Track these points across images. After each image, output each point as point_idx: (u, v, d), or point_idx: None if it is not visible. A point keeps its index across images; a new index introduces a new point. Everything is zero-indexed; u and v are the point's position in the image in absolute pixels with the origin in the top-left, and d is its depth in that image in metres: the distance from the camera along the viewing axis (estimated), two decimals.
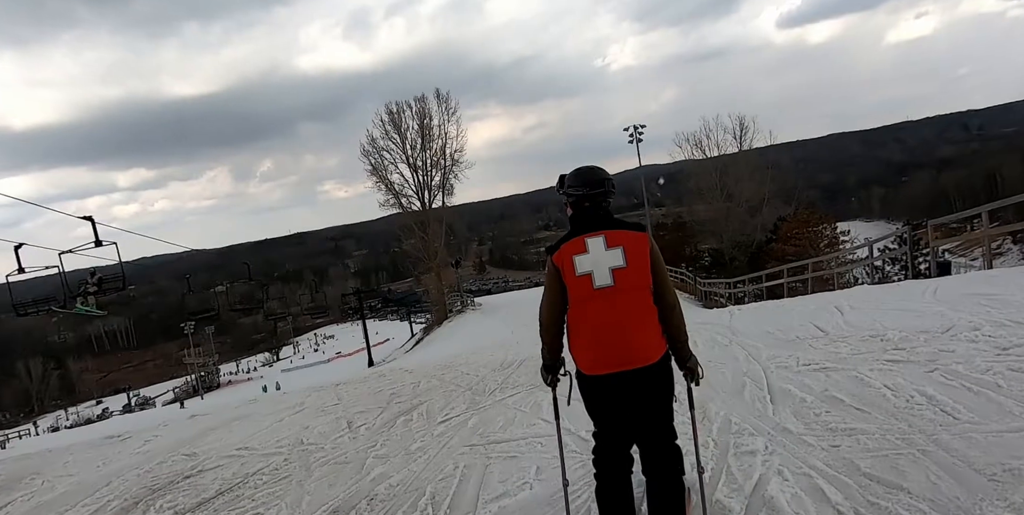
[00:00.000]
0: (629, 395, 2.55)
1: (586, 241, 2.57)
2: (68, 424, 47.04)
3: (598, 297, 2.52)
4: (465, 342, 22.31)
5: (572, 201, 2.73)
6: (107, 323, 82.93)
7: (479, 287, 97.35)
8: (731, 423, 4.12)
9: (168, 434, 6.49)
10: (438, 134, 34.79)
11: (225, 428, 6.13)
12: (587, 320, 2.54)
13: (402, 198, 35.54)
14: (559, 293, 2.61)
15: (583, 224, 2.65)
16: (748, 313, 9.33)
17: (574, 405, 2.77)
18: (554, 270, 2.61)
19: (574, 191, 2.70)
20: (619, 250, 2.55)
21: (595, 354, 2.53)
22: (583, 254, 2.55)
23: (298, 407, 6.94)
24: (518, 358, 8.87)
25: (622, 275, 2.52)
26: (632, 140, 37.45)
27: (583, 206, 2.70)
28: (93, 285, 13.80)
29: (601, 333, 2.51)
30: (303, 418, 6.04)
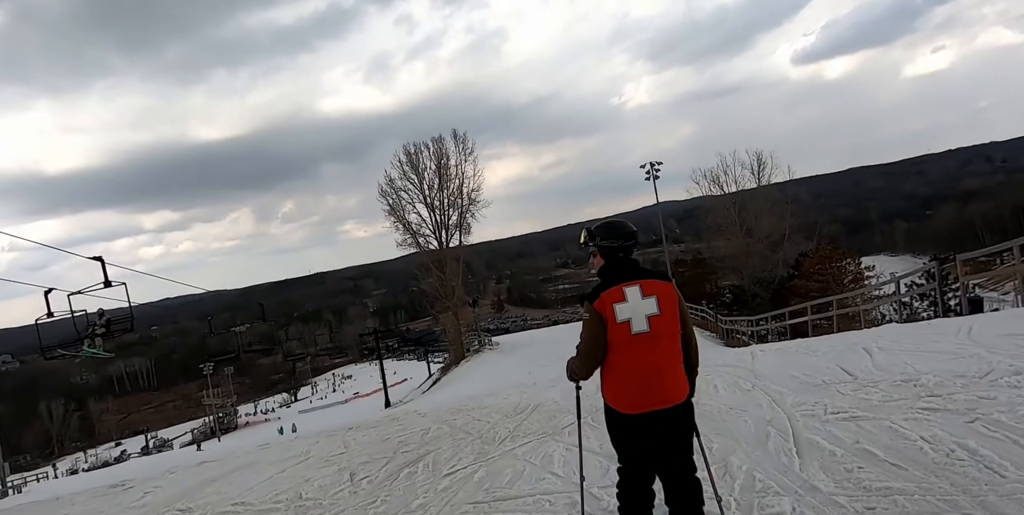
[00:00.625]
0: (662, 431, 2.76)
1: (624, 290, 2.76)
2: (86, 467, 46.76)
3: (636, 342, 2.72)
4: (482, 383, 21.93)
5: (605, 252, 2.93)
6: (128, 364, 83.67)
7: (497, 326, 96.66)
8: (755, 480, 3.82)
9: (171, 484, 6.27)
10: (455, 174, 35.15)
11: (226, 479, 5.90)
12: (626, 364, 2.74)
13: (419, 237, 35.70)
14: (603, 339, 2.75)
15: (619, 274, 2.85)
16: (771, 354, 8.97)
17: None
18: (598, 317, 2.75)
19: (609, 243, 2.92)
20: (654, 299, 2.76)
21: (634, 395, 2.74)
22: (623, 303, 2.74)
23: (303, 456, 6.70)
24: (532, 403, 8.57)
25: (657, 322, 2.74)
26: (649, 177, 37.46)
27: (617, 257, 2.91)
28: (101, 326, 13.68)
29: (640, 376, 2.73)
30: (306, 469, 5.79)
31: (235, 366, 68.69)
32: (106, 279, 11.46)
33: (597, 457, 4.56)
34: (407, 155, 34.95)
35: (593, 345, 2.80)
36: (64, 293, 14.12)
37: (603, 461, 4.45)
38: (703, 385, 7.41)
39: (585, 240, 3.01)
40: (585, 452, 3.79)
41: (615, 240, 2.92)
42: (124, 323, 13.83)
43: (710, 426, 5.26)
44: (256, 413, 67.79)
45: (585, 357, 2.86)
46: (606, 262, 2.94)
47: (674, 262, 44.04)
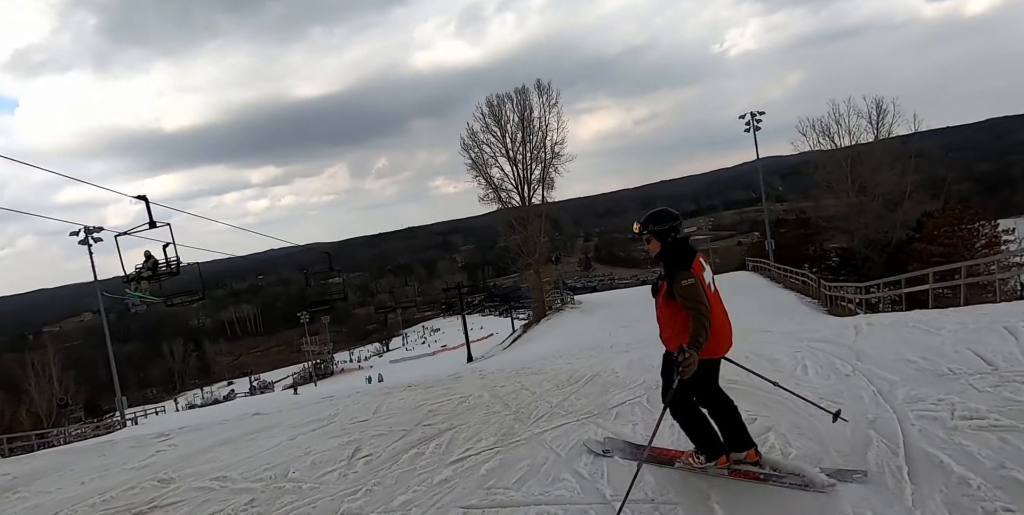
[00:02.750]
0: (719, 370, 3.68)
1: (700, 260, 3.45)
2: (200, 402, 51.37)
3: (716, 299, 3.51)
4: (557, 342, 21.29)
5: (660, 235, 3.48)
6: (238, 310, 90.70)
7: (584, 284, 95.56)
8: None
9: (189, 442, 5.96)
10: (539, 126, 33.73)
11: (233, 444, 5.49)
12: (718, 316, 3.38)
13: (501, 192, 34.88)
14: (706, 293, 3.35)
15: (688, 248, 3.52)
16: (881, 329, 7.47)
17: None
18: (696, 280, 3.29)
19: (661, 227, 3.49)
20: (710, 268, 3.57)
21: (726, 340, 3.54)
22: (704, 269, 3.45)
23: (327, 419, 6.20)
24: (591, 372, 7.70)
25: (717, 284, 3.58)
26: (749, 128, 34.35)
27: (672, 236, 3.48)
28: (147, 269, 13.44)
29: (725, 325, 3.52)
30: (317, 438, 5.24)
31: (332, 316, 72.51)
32: (151, 220, 11.30)
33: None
34: (489, 107, 33.87)
35: (706, 300, 3.28)
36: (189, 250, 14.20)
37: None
38: (789, 364, 6.18)
39: (639, 230, 3.53)
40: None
41: (666, 223, 3.49)
42: (171, 267, 13.44)
43: (789, 421, 4.15)
44: (351, 361, 71.48)
45: (708, 311, 3.23)
46: (666, 242, 3.48)
47: (774, 222, 40.65)
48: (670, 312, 3.40)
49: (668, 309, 3.41)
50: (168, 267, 13.11)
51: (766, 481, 3.28)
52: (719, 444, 3.47)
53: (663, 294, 3.43)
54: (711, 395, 3.56)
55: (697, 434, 3.51)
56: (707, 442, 3.48)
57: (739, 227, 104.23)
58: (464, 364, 28.96)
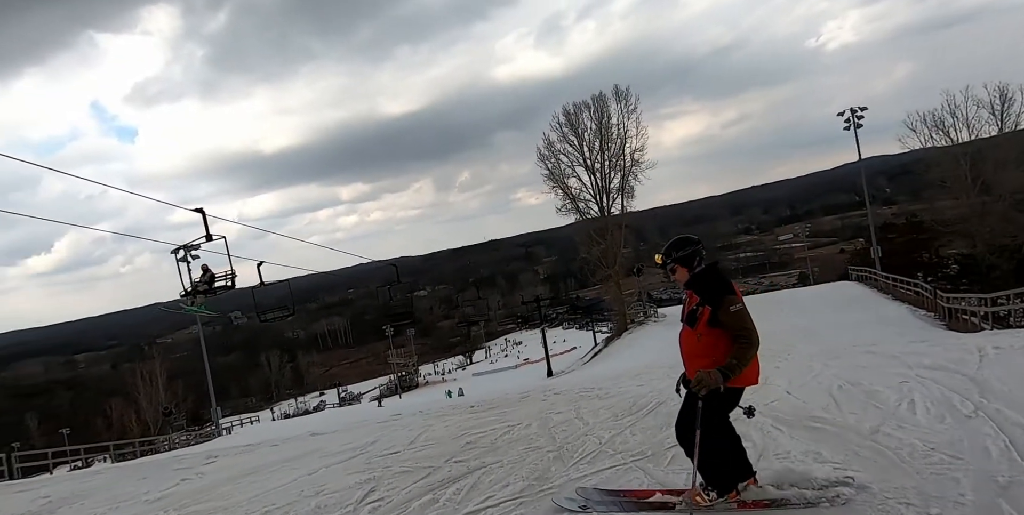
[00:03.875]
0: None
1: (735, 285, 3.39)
2: (292, 412, 53.61)
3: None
4: (635, 359, 20.36)
5: (685, 262, 3.38)
6: (330, 322, 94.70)
7: (671, 296, 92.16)
8: None
9: (222, 469, 5.70)
10: (617, 134, 32.79)
11: (255, 476, 5.12)
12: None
13: (580, 203, 34.13)
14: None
15: (721, 274, 3.44)
16: (1012, 355, 6.17)
17: None
18: (744, 305, 3.23)
19: (684, 252, 3.39)
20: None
21: (757, 369, 3.38)
22: (743, 298, 3.35)
23: (360, 450, 5.76)
24: (657, 399, 6.91)
25: None
26: (849, 126, 31.72)
27: (702, 260, 3.37)
28: (204, 283, 13.59)
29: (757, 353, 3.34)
30: (335, 474, 4.76)
31: (417, 328, 74.00)
32: (207, 233, 11.42)
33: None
34: (566, 116, 33.28)
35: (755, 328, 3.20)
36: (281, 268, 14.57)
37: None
38: (892, 398, 5.11)
39: (663, 260, 3.44)
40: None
41: (688, 248, 3.38)
42: (226, 280, 13.49)
43: (888, 478, 3.22)
44: (435, 373, 72.46)
45: (758, 339, 3.16)
46: (692, 268, 3.36)
47: (880, 227, 37.24)
48: (711, 341, 3.22)
49: (710, 337, 3.22)
50: (230, 280, 13.29)
51: (772, 506, 3.21)
52: (735, 476, 3.28)
53: (704, 321, 3.24)
54: (725, 424, 3.33)
55: (717, 465, 3.25)
56: (726, 474, 3.26)
57: (841, 233, 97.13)
58: (544, 378, 28.34)
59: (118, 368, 48.03)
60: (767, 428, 4.63)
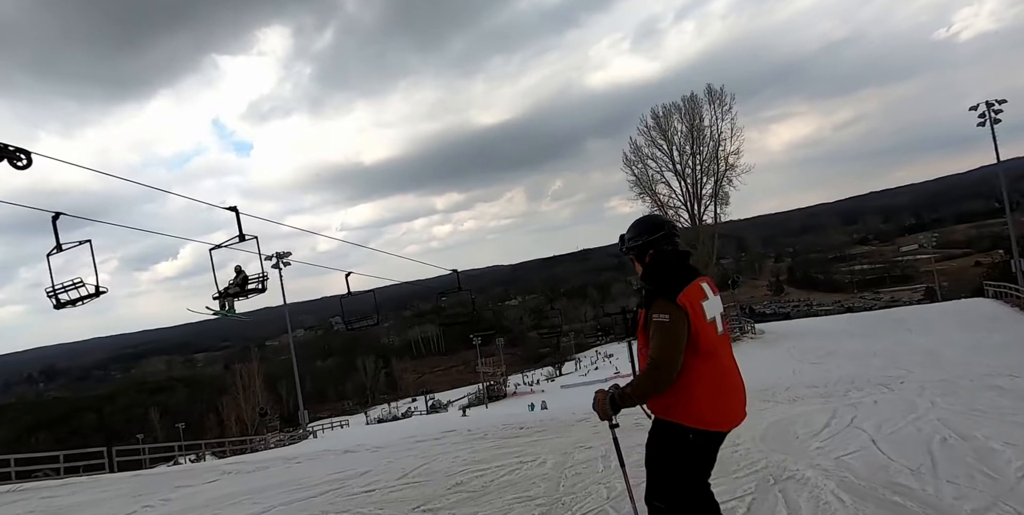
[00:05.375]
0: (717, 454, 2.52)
1: (702, 285, 2.45)
2: (381, 415, 54.84)
3: (721, 346, 2.46)
4: None
5: (639, 253, 2.58)
6: (423, 330, 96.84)
7: (775, 310, 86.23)
8: None
9: (201, 493, 5.21)
10: (710, 136, 30.82)
11: (218, 507, 4.55)
12: (718, 371, 2.41)
13: (669, 210, 32.31)
14: (685, 337, 2.33)
15: (684, 270, 2.53)
16: None
17: None
18: (683, 314, 2.33)
19: (638, 241, 2.57)
20: (719, 298, 2.54)
21: (727, 408, 2.43)
22: (706, 299, 2.42)
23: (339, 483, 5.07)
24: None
25: (724, 322, 2.51)
26: (984, 122, 27.89)
27: (668, 252, 2.56)
28: (236, 286, 13.27)
29: (732, 384, 2.47)
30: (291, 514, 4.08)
31: (507, 338, 73.89)
32: (240, 233, 11.12)
33: None
34: (655, 119, 31.64)
35: (678, 352, 2.32)
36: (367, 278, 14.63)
37: None
38: (1012, 462, 3.73)
39: (632, 242, 2.61)
40: None
41: (641, 237, 2.56)
42: (257, 282, 13.15)
43: None
44: (524, 383, 71.74)
45: (669, 369, 2.32)
46: (656, 259, 2.54)
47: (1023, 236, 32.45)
48: (647, 354, 2.48)
49: (647, 349, 2.47)
50: (261, 283, 13.03)
51: None
52: None
53: (640, 329, 2.52)
54: (691, 488, 2.42)
55: None
56: None
57: (976, 244, 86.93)
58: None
59: (229, 368, 51.31)
60: (826, 495, 3.46)
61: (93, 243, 10.05)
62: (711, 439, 2.41)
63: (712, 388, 2.36)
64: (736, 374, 2.51)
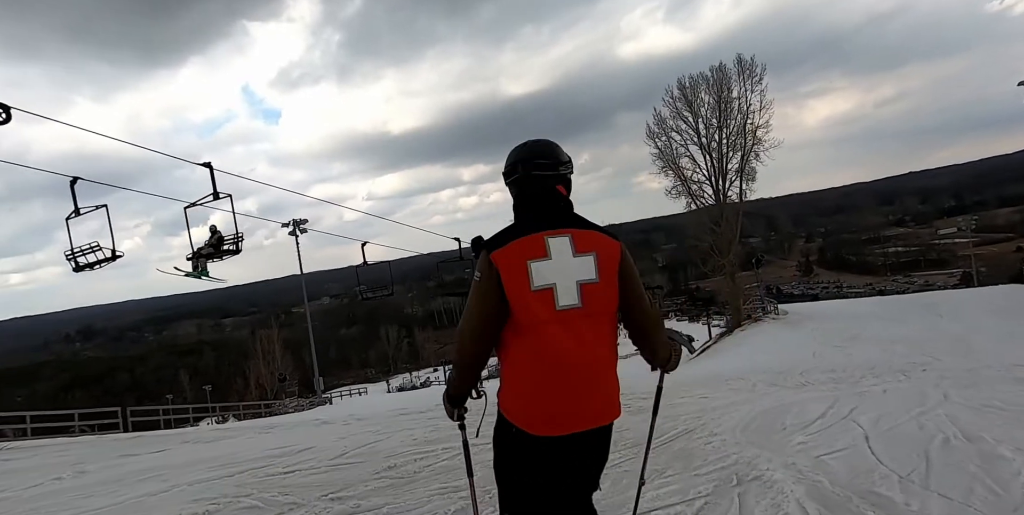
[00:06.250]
0: (580, 463, 1.83)
1: (547, 241, 1.75)
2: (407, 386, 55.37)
3: (559, 322, 1.72)
4: (743, 358, 18.15)
5: (511, 186, 1.91)
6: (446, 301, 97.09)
7: (803, 291, 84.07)
8: None
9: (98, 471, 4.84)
10: (737, 108, 29.50)
11: (107, 486, 4.18)
12: (546, 355, 1.72)
13: (692, 185, 31.25)
14: (495, 308, 1.72)
15: (539, 216, 1.81)
16: None
17: None
18: (493, 275, 1.71)
19: (510, 169, 1.89)
20: (591, 258, 1.76)
21: (557, 406, 1.74)
22: (542, 259, 1.73)
23: (275, 458, 4.69)
24: (686, 426, 5.30)
25: (593, 294, 1.75)
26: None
27: (533, 190, 1.86)
28: (209, 246, 12.83)
29: (568, 376, 1.73)
30: (176, 499, 3.63)
31: None
32: (215, 190, 10.73)
33: None
34: (681, 89, 30.39)
35: (478, 317, 1.74)
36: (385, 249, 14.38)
37: None
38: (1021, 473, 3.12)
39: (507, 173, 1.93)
40: None
41: (518, 165, 1.86)
42: (233, 243, 12.69)
43: None
44: None
45: (459, 344, 1.79)
46: (522, 200, 1.86)
47: None
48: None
49: None
50: (235, 243, 12.58)
51: None
52: None
53: None
54: (540, 501, 1.81)
55: None
56: None
57: (1020, 228, 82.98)
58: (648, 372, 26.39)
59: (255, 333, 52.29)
60: (789, 505, 2.93)
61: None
62: (543, 446, 1.76)
63: (531, 378, 1.73)
64: (586, 363, 1.75)
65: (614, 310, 1.81)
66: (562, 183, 1.89)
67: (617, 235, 1.84)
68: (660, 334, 1.96)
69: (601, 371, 1.77)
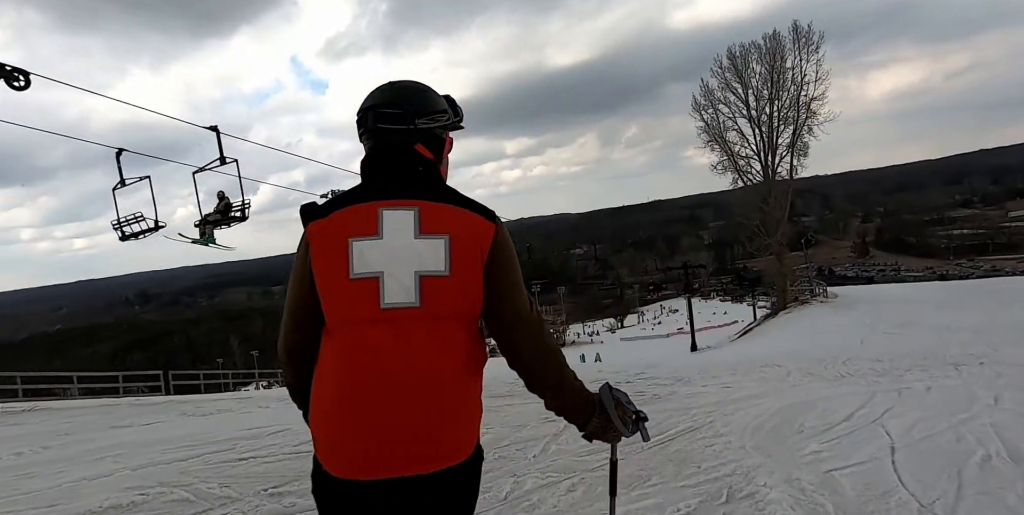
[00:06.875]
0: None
1: (382, 214, 1.28)
2: None
3: (384, 324, 1.25)
4: (785, 342, 17.45)
5: (368, 137, 1.40)
6: None
7: (857, 274, 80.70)
8: None
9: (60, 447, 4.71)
10: (791, 79, 27.87)
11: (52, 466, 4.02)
12: (356, 367, 1.24)
13: (739, 160, 29.92)
14: (310, 301, 1.29)
15: (377, 181, 1.35)
16: None
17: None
18: (304, 253, 1.29)
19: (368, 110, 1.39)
20: (441, 241, 1.27)
21: (363, 437, 1.23)
22: (370, 238, 1.27)
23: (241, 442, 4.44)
24: (693, 423, 4.87)
25: (436, 289, 1.26)
26: None
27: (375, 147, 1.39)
28: (217, 213, 12.64)
29: (383, 397, 1.23)
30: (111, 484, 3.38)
31: (569, 287, 73.41)
32: (221, 154, 10.54)
33: None
34: (731, 59, 28.89)
35: (291, 319, 1.33)
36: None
37: None
38: None
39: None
40: None
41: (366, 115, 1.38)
42: (239, 210, 12.46)
43: None
44: (584, 334, 71.52)
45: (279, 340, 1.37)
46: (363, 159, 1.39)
47: None
48: None
49: None
50: (242, 211, 12.43)
51: None
52: None
53: None
54: None
55: None
56: None
57: None
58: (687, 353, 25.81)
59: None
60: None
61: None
62: (346, 489, 1.25)
63: (335, 396, 1.26)
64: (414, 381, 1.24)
65: (472, 314, 1.31)
66: (425, 141, 1.39)
67: (494, 215, 1.33)
68: (544, 362, 1.38)
69: (438, 394, 1.26)
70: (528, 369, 1.37)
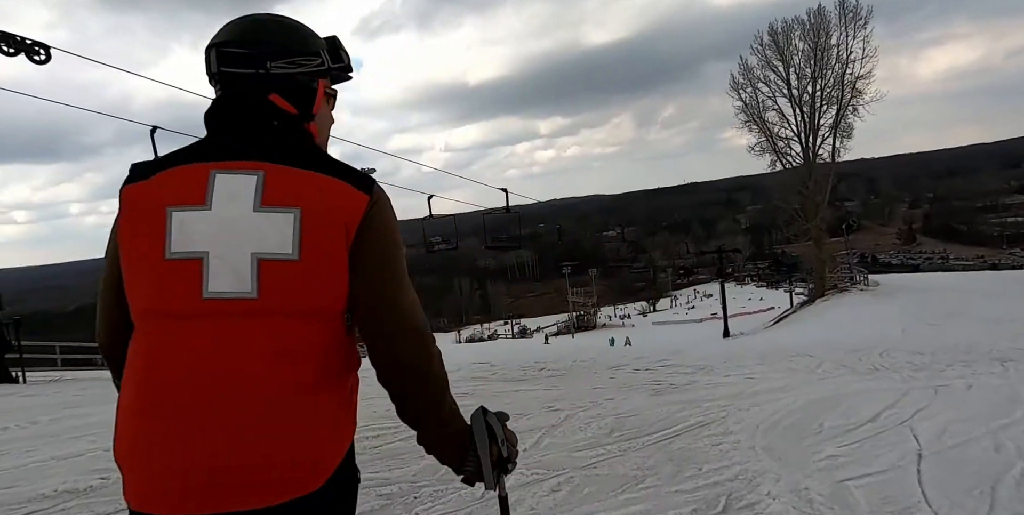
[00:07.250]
0: None
1: (213, 177, 1.01)
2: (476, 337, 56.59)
3: (202, 320, 0.97)
4: (821, 330, 16.93)
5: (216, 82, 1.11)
6: (519, 255, 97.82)
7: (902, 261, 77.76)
8: None
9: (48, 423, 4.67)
10: (836, 57, 26.56)
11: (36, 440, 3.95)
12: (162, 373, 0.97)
13: (778, 141, 28.81)
14: (118, 282, 1.04)
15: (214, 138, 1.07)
16: None
17: None
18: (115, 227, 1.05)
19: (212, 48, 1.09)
20: (290, 216, 0.98)
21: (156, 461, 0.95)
22: (195, 207, 0.99)
23: None
24: (711, 417, 4.53)
25: (279, 276, 0.97)
26: None
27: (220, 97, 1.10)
28: None
29: (186, 412, 0.95)
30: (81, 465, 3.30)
31: (601, 270, 72.80)
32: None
33: None
34: (772, 36, 27.64)
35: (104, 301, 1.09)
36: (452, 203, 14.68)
37: None
38: None
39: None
40: None
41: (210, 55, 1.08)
42: None
43: None
44: (616, 317, 71.05)
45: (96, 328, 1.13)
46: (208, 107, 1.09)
47: None
48: None
49: None
50: None
51: None
52: None
53: None
54: None
55: None
56: None
57: None
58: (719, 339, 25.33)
59: None
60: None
61: None
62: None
63: (135, 409, 0.98)
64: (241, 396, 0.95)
65: (329, 311, 1.01)
66: (283, 90, 1.08)
67: (372, 182, 1.03)
68: (420, 382, 1.06)
69: (274, 411, 0.96)
70: (399, 389, 1.07)
